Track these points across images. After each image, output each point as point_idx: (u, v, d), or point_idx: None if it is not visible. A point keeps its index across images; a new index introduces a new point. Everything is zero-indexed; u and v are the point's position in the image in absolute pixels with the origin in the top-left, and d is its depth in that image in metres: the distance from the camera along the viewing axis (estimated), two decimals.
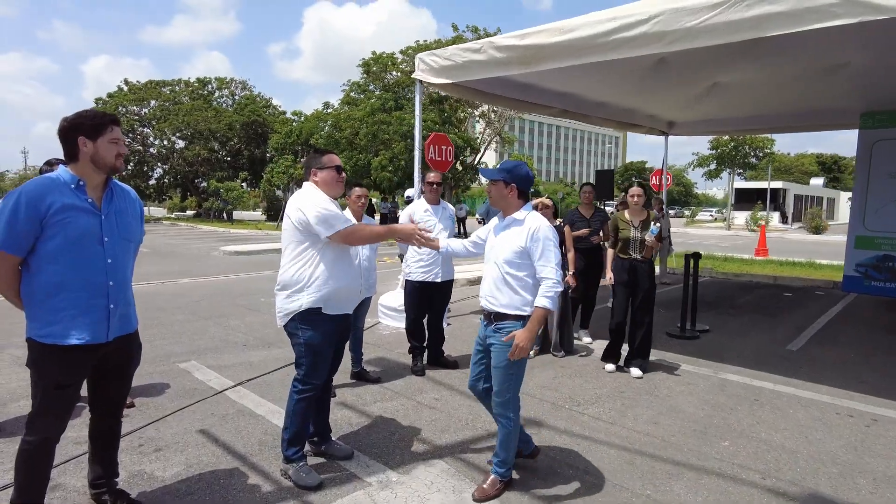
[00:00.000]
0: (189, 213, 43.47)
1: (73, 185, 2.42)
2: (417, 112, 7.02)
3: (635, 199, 5.02)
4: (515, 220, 3.00)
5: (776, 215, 42.86)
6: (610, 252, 5.26)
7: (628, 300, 5.08)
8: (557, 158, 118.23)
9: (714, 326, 7.12)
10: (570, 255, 5.74)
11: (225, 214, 35.54)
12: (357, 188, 4.51)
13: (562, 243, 5.72)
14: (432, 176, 5.12)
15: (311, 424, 3.29)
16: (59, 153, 2.60)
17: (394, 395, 4.50)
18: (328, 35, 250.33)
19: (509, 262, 2.93)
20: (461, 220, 22.47)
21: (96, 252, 2.44)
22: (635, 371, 5.09)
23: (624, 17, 4.91)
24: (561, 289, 2.99)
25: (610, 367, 5.22)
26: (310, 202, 3.03)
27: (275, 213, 33.32)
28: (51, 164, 3.97)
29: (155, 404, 4.23)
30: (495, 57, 5.92)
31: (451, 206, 5.41)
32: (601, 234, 6.23)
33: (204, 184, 38.22)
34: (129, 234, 2.62)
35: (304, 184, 3.20)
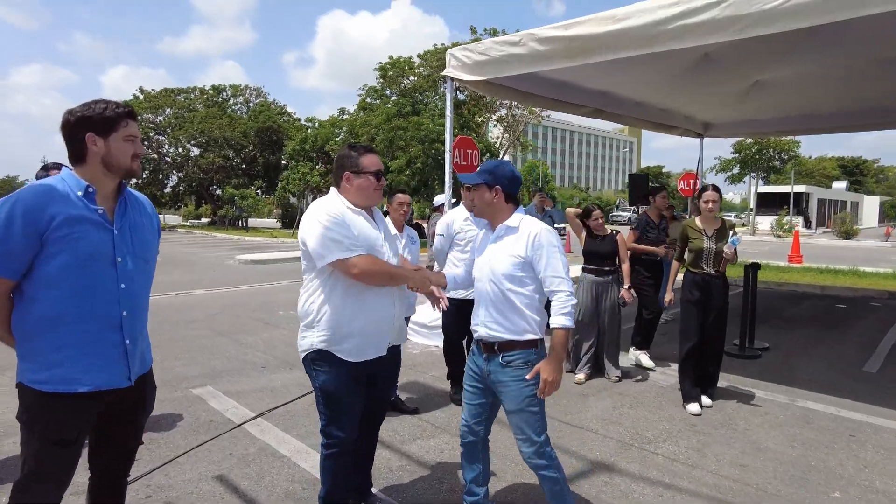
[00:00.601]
0: (204, 220, 43.38)
1: (80, 193, 1.91)
2: (448, 112, 6.50)
3: (710, 204, 4.41)
4: (509, 229, 2.52)
5: (799, 220, 41.80)
6: (675, 266, 4.65)
7: (700, 321, 4.46)
8: (572, 164, 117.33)
9: (771, 343, 6.50)
10: (626, 268, 5.17)
11: (241, 222, 35.32)
12: (399, 194, 4.03)
13: (611, 254, 5.16)
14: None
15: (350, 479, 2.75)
16: None
17: (435, 431, 3.96)
18: (342, 43, 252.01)
19: (510, 276, 2.46)
20: None
21: (108, 275, 1.94)
22: (705, 400, 4.49)
23: (689, 2, 4.37)
24: (576, 301, 2.48)
25: (694, 407, 4.35)
26: (320, 214, 2.44)
27: (290, 220, 33.04)
28: (47, 170, 3.50)
29: (166, 441, 3.73)
30: (537, 50, 5.40)
31: None
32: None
33: (219, 191, 38.08)
34: (147, 252, 2.11)
35: (331, 189, 2.63)
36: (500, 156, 28.68)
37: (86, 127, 1.93)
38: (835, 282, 11.72)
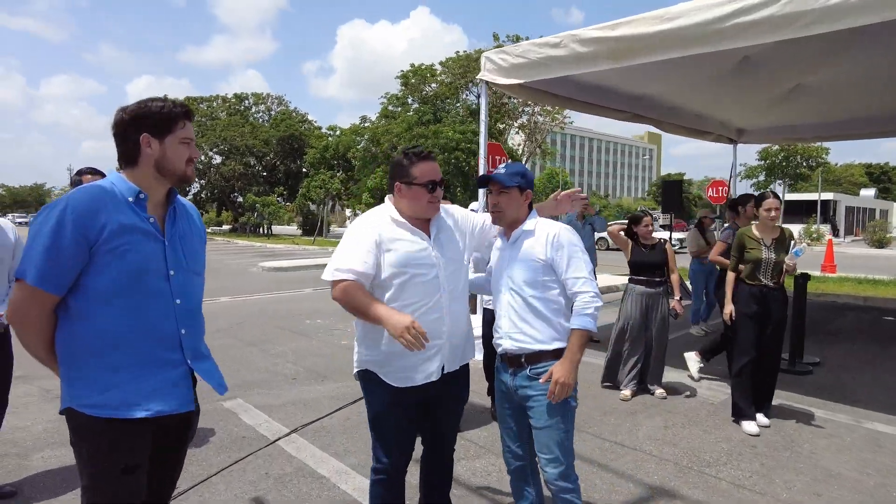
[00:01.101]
0: (225, 227, 43.76)
1: (131, 199, 1.74)
2: (483, 117, 6.33)
3: (772, 213, 4.15)
4: (525, 232, 2.37)
5: (827, 228, 40.88)
6: (730, 277, 4.38)
7: (757, 336, 4.20)
8: (590, 171, 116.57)
9: (820, 357, 6.17)
10: (675, 278, 4.91)
11: (262, 229, 35.53)
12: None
13: (661, 263, 4.91)
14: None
15: None
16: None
17: (479, 451, 3.74)
18: (361, 52, 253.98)
19: (532, 282, 2.30)
20: None
21: (161, 290, 1.77)
22: (762, 419, 4.22)
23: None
24: (601, 303, 2.28)
25: (751, 427, 4.09)
26: (353, 225, 2.34)
27: (310, 227, 33.12)
28: (81, 174, 3.38)
29: (199, 458, 3.56)
30: (578, 52, 5.20)
31: None
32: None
33: (240, 199, 38.39)
34: (197, 264, 1.93)
35: (386, 197, 2.44)
36: (523, 162, 28.48)
37: (141, 127, 1.76)
38: (876, 292, 11.28)
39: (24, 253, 1.67)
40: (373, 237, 2.23)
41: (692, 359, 5.32)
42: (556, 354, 2.28)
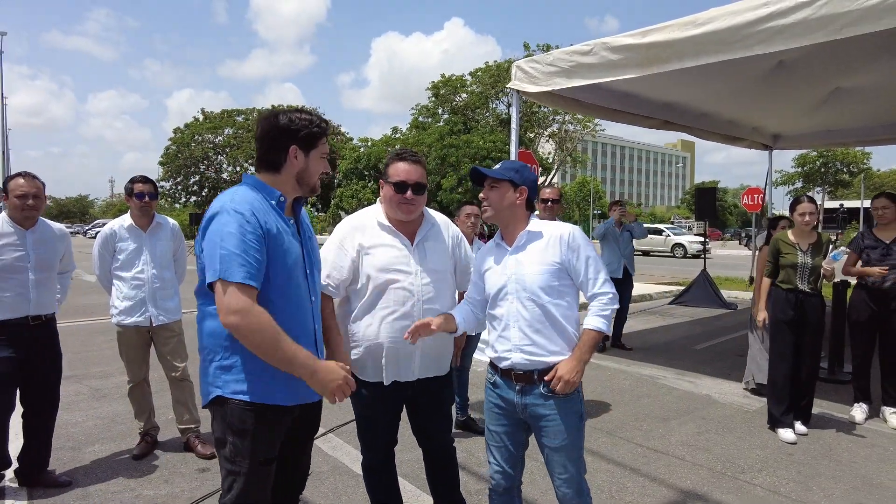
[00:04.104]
0: None
1: (273, 202, 1.85)
2: (514, 125, 6.39)
3: (806, 217, 4.11)
4: (531, 234, 2.21)
5: None
6: (765, 283, 4.34)
7: (794, 342, 4.15)
8: (622, 179, 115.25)
9: None
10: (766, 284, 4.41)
11: None
12: (467, 206, 3.92)
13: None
14: (548, 192, 4.43)
15: None
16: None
17: None
18: (395, 64, 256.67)
19: (547, 288, 2.13)
20: None
21: (304, 288, 1.90)
22: (800, 427, 4.15)
23: (778, 3, 4.13)
24: (617, 306, 2.19)
25: (787, 434, 4.04)
26: (337, 228, 2.47)
27: None
28: (133, 183, 3.59)
29: None
30: (609, 59, 5.24)
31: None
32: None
33: None
34: (319, 265, 2.09)
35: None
36: (553, 171, 28.37)
37: (292, 139, 1.86)
38: None
39: (215, 257, 1.69)
40: (351, 239, 2.35)
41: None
42: None
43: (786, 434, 4.04)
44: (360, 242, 2.33)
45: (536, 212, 2.50)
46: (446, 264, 2.46)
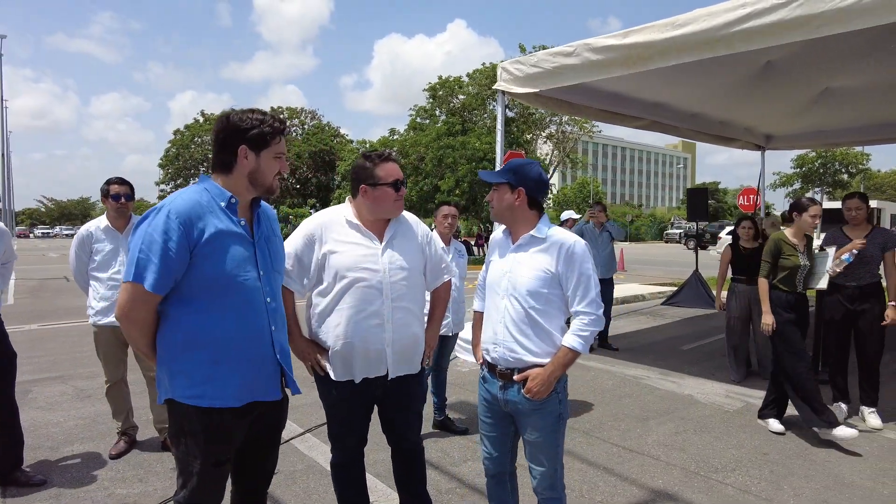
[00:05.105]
0: None
1: (223, 204, 1.85)
2: (499, 126, 6.43)
3: (817, 220, 4.11)
4: (534, 239, 2.22)
5: None
6: (763, 284, 4.28)
7: (802, 337, 4.19)
8: (623, 181, 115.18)
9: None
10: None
11: None
12: (444, 207, 3.94)
13: None
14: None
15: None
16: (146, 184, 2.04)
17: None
18: (397, 66, 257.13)
19: (534, 293, 2.16)
20: None
21: (255, 290, 1.88)
22: (776, 425, 4.18)
23: (755, 3, 4.15)
24: (600, 328, 2.19)
25: (777, 426, 4.21)
26: (301, 226, 2.48)
27: None
28: (109, 184, 3.61)
29: None
30: (591, 59, 5.27)
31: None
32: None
33: (274, 210, 39.34)
34: (280, 265, 2.07)
35: (347, 198, 2.49)
36: (550, 173, 28.37)
37: (241, 139, 1.86)
38: None
39: (136, 258, 1.74)
40: (320, 235, 2.37)
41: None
42: None
43: (774, 424, 4.23)
44: (326, 240, 2.34)
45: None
46: (416, 262, 2.45)
